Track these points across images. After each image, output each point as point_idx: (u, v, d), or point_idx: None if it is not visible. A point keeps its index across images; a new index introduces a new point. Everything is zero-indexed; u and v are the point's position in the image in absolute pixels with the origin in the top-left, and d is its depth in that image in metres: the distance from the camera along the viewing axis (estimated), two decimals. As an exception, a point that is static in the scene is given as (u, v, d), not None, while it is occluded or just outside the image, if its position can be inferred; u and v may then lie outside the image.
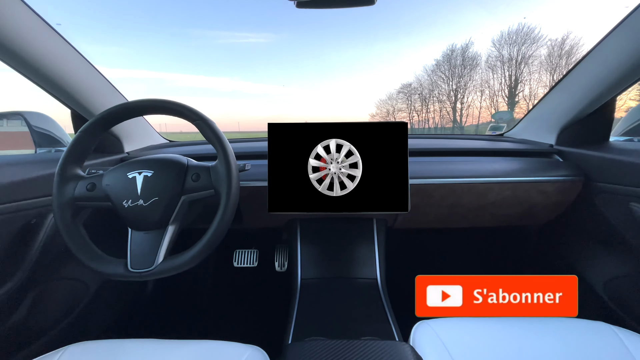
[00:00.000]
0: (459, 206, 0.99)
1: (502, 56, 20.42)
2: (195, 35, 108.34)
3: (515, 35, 20.06)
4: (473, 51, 21.92)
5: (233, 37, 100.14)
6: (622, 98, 0.97)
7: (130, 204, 0.66)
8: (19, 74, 0.81)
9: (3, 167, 0.80)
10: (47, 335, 0.89)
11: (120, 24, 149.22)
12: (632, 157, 0.83)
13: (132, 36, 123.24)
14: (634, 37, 0.77)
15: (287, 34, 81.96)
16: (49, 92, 0.89)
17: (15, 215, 0.78)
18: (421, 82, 23.29)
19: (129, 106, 0.70)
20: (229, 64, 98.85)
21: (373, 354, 0.56)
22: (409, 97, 23.67)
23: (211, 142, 0.70)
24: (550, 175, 0.95)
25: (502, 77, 20.66)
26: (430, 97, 22.64)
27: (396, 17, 58.99)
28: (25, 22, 0.74)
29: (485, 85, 21.33)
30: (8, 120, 1.21)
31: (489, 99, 21.16)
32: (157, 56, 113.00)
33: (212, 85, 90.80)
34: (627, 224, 0.86)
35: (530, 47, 19.99)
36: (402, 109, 23.47)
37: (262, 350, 0.65)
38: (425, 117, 22.68)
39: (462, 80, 21.78)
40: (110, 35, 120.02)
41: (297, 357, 0.58)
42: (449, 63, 22.49)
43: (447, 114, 22.02)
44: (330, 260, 1.06)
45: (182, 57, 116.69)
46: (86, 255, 0.65)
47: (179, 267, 0.64)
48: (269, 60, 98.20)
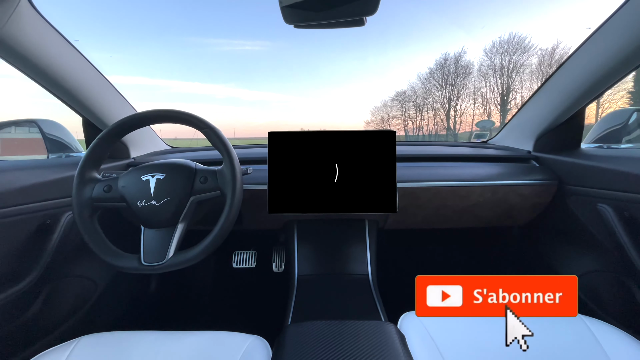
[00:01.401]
0: (444, 208, 1.07)
1: (494, 65, 20.87)
2: (191, 42, 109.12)
3: (506, 44, 20.54)
4: (466, 60, 22.37)
5: (229, 44, 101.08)
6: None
7: (144, 203, 0.72)
8: (38, 85, 0.88)
9: (20, 171, 0.86)
10: (61, 327, 0.94)
11: (118, 32, 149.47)
12: (599, 162, 0.92)
13: (128, 44, 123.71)
14: (595, 55, 0.87)
15: (283, 42, 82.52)
16: (65, 102, 0.96)
17: (33, 216, 0.84)
18: (415, 90, 23.64)
19: (143, 116, 0.77)
20: (225, 71, 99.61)
21: (362, 332, 0.63)
22: (404, 104, 23.98)
23: (217, 148, 0.77)
24: (526, 179, 1.04)
25: (495, 85, 21.09)
26: (425, 104, 22.96)
27: (386, 28, 60.83)
28: (48, 39, 0.82)
29: (478, 93, 21.73)
30: (22, 128, 1.27)
31: (481, 106, 21.54)
32: (153, 63, 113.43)
33: (208, 92, 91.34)
34: (595, 223, 0.94)
35: (521, 56, 20.48)
36: (397, 116, 23.75)
37: (263, 339, 0.71)
38: (420, 124, 22.97)
39: (455, 88, 22.17)
40: (107, 44, 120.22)
41: (296, 335, 0.64)
42: (443, 71, 22.90)
43: (441, 121, 22.33)
44: (325, 259, 1.13)
45: (179, 64, 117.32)
46: (103, 251, 0.72)
47: (188, 261, 0.71)
48: (265, 67, 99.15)
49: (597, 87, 0.91)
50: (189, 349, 0.67)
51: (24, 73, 0.83)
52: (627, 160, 0.87)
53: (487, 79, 21.11)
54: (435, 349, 0.67)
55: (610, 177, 0.88)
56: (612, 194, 0.87)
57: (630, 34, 0.76)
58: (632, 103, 20.84)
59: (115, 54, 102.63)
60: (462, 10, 64.39)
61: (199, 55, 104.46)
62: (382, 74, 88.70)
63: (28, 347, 0.87)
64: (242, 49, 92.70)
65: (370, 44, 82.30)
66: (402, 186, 0.99)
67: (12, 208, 0.78)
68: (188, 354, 0.66)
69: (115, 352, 0.67)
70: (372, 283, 1.03)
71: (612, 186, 0.87)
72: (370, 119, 24.38)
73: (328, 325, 0.65)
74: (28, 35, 0.76)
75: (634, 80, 22.42)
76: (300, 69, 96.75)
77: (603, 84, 0.89)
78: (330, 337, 0.62)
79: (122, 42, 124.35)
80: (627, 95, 20.85)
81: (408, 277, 1.19)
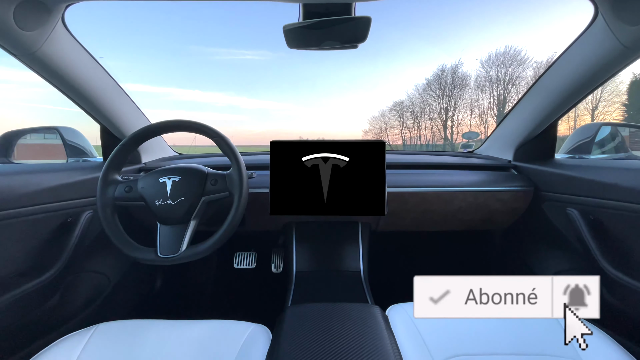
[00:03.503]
0: (430, 212, 1.17)
1: (490, 77, 21.25)
2: (193, 51, 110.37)
3: (502, 57, 20.96)
4: (462, 71, 22.75)
5: (230, 53, 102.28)
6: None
7: (161, 203, 0.82)
8: (65, 96, 0.98)
9: (46, 173, 0.96)
10: (79, 316, 1.03)
11: (121, 40, 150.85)
12: (567, 170, 1.03)
13: (130, 51, 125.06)
14: (561, 77, 0.99)
15: (283, 52, 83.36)
16: (86, 111, 1.06)
17: (57, 214, 0.93)
18: (413, 100, 23.95)
19: (162, 125, 0.87)
20: (225, 79, 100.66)
21: (351, 312, 0.73)
22: (401, 114, 24.25)
23: (226, 154, 0.87)
24: (505, 185, 1.14)
25: (491, 96, 21.44)
26: (422, 114, 23.25)
27: (377, 42, 62.99)
28: (78, 56, 0.93)
29: (475, 104, 22.05)
30: (38, 134, 1.37)
31: (478, 117, 21.84)
32: (153, 71, 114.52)
33: (209, 100, 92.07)
34: (565, 226, 1.04)
35: (517, 68, 20.87)
36: (395, 125, 23.98)
37: (264, 326, 0.79)
38: (417, 134, 23.21)
39: (452, 99, 22.50)
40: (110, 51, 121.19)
41: (293, 314, 0.73)
42: (440, 82, 23.26)
43: (439, 131, 22.58)
44: (321, 257, 1.22)
45: (180, 72, 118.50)
46: (124, 245, 0.81)
47: (199, 254, 0.80)
48: (265, 76, 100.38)
49: (564, 104, 1.03)
50: (197, 335, 0.74)
51: (55, 86, 0.93)
52: (592, 169, 0.97)
53: (483, 90, 21.46)
54: (417, 334, 0.75)
55: (577, 184, 0.98)
56: (579, 199, 0.98)
57: (589, 62, 0.88)
58: (626, 115, 21.14)
59: (115, 61, 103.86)
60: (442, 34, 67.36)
61: (200, 63, 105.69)
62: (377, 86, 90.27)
63: (51, 331, 0.95)
64: (243, 58, 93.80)
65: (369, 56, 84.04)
66: (391, 191, 1.09)
67: (40, 206, 0.88)
68: (196, 339, 0.73)
69: (131, 337, 0.74)
70: (363, 278, 1.12)
71: (579, 192, 0.98)
72: (368, 128, 24.59)
73: (322, 306, 0.75)
74: (61, 53, 0.86)
75: (627, 93, 22.68)
76: (300, 78, 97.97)
77: (569, 102, 1.01)
78: (324, 316, 0.72)
79: (122, 50, 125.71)
80: (621, 108, 21.15)
81: (397, 275, 1.28)
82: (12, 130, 1.20)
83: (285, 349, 0.66)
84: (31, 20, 0.75)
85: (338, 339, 0.66)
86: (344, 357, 0.62)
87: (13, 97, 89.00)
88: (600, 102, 20.53)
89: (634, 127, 1.63)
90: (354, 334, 0.67)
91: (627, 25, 0.75)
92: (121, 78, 1.10)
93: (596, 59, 0.86)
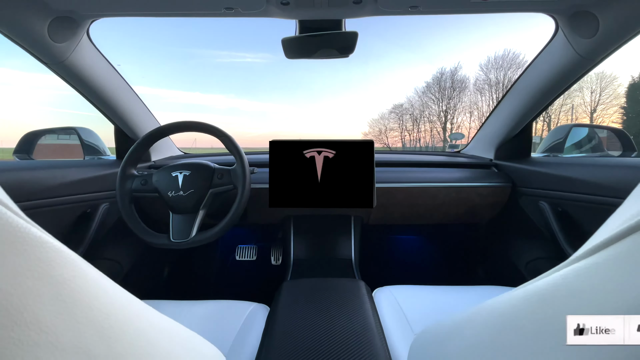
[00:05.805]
0: (416, 206, 1.28)
1: (489, 80, 21.43)
2: (194, 54, 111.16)
3: (501, 60, 21.15)
4: (462, 74, 22.92)
5: (231, 56, 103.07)
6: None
7: (173, 194, 0.93)
8: (86, 99, 1.09)
9: (69, 168, 1.06)
10: None
11: (123, 43, 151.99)
12: (540, 167, 1.14)
13: (132, 54, 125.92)
14: (532, 82, 1.09)
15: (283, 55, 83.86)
16: (104, 113, 1.17)
17: (78, 205, 1.04)
18: (412, 103, 24.10)
19: (173, 125, 0.98)
20: (225, 81, 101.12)
21: (340, 286, 0.83)
22: (401, 117, 24.40)
23: (231, 151, 0.97)
24: (485, 182, 1.25)
25: (490, 99, 21.57)
26: (421, 117, 23.39)
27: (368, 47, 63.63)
28: (99, 65, 1.04)
29: (474, 107, 22.20)
30: (52, 135, 1.48)
31: (477, 120, 21.95)
32: (154, 73, 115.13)
33: (209, 102, 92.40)
34: (538, 218, 1.15)
35: (515, 71, 21.05)
36: (394, 128, 24.12)
37: (264, 305, 0.89)
38: (417, 136, 23.34)
39: (451, 102, 22.65)
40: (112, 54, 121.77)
41: (290, 288, 0.84)
42: (439, 85, 23.43)
43: (438, 133, 22.72)
44: (317, 246, 1.32)
45: (180, 75, 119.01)
46: (140, 231, 0.91)
47: (207, 239, 0.90)
48: (265, 79, 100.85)
49: (536, 107, 1.13)
50: (202, 313, 0.81)
51: (78, 91, 1.04)
52: (560, 166, 1.08)
53: (482, 93, 21.60)
54: (400, 311, 0.85)
55: (547, 179, 1.09)
56: (549, 193, 1.08)
57: (554, 69, 0.99)
58: (624, 118, 21.21)
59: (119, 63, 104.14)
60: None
61: (201, 66, 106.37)
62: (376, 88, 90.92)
63: None
64: (243, 61, 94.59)
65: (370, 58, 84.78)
66: (380, 186, 1.20)
67: (64, 197, 0.98)
68: (202, 317, 0.80)
69: None
70: (354, 264, 1.22)
71: (549, 186, 1.08)
72: (367, 130, 24.76)
73: (316, 281, 0.85)
74: (86, 62, 0.97)
75: (625, 96, 22.83)
76: (300, 81, 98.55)
77: (540, 105, 1.12)
78: (317, 289, 0.82)
79: (123, 52, 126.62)
80: (619, 111, 21.18)
81: (385, 265, 1.38)
82: (33, 130, 1.31)
83: (280, 320, 0.76)
84: (62, 33, 0.86)
85: (327, 310, 0.77)
86: (332, 326, 0.73)
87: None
88: (598, 104, 20.54)
89: (603, 129, 1.75)
90: (340, 304, 0.77)
91: (583, 39, 0.86)
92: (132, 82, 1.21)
93: (559, 67, 0.97)
